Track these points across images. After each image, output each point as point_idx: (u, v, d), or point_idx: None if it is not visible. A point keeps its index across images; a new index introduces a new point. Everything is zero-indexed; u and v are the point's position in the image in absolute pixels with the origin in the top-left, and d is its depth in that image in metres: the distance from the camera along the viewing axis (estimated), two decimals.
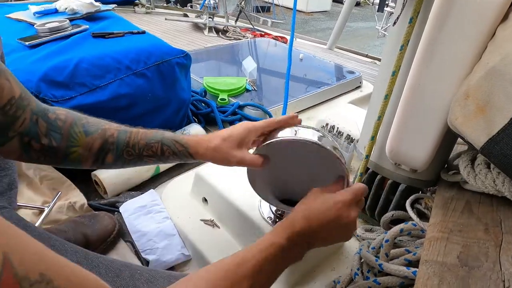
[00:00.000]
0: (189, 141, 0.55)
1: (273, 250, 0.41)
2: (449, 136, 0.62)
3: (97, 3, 1.20)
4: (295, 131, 0.56)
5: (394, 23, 0.62)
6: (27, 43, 0.91)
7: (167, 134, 0.56)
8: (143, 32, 1.09)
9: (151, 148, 0.54)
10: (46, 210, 0.77)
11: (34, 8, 1.15)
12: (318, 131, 0.57)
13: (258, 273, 0.39)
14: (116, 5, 1.61)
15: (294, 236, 0.44)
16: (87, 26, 1.06)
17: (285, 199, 0.66)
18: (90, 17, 1.16)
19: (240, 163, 0.55)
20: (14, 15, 1.13)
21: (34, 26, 0.98)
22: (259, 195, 0.63)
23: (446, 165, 0.70)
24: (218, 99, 1.30)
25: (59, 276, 0.22)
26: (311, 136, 0.54)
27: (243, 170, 0.72)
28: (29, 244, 0.22)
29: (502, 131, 0.44)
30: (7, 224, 0.21)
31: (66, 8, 1.14)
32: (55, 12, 1.17)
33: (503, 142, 0.44)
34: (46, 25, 0.98)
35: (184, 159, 0.56)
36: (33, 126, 0.46)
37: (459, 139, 0.66)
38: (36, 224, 0.73)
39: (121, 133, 0.53)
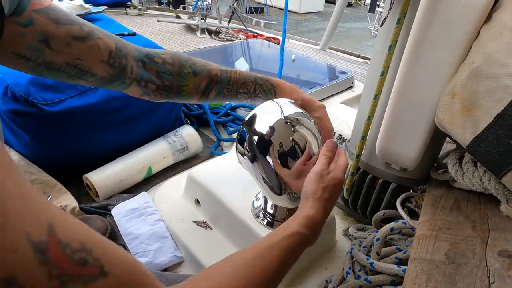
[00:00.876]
0: (276, 81, 0.64)
1: (299, 238, 0.42)
2: (437, 135, 0.62)
3: (87, 5, 1.19)
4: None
5: (382, 23, 0.63)
6: None
7: (260, 74, 0.64)
8: (134, 34, 1.09)
9: (246, 86, 0.62)
10: None
11: None
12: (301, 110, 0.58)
13: (285, 258, 0.40)
14: (107, 7, 1.60)
15: (311, 224, 0.45)
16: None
17: None
18: None
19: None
20: None
21: None
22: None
23: (435, 164, 0.70)
24: None
25: (97, 247, 0.23)
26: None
27: (235, 172, 0.73)
28: (67, 215, 0.23)
29: (487, 129, 0.44)
30: (45, 199, 0.21)
31: None
32: None
33: (488, 140, 0.45)
34: None
35: (270, 97, 0.63)
36: (144, 72, 0.53)
37: (448, 138, 0.67)
38: None
39: (223, 72, 0.60)
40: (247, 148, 0.55)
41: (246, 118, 0.56)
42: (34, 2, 0.40)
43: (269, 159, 0.54)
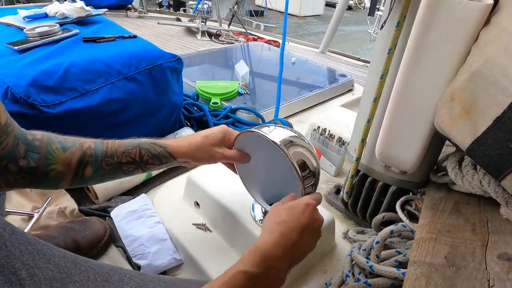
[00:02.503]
0: (168, 141, 0.56)
1: (242, 279, 0.38)
2: (437, 138, 0.62)
3: (88, 8, 1.19)
4: (273, 128, 0.57)
5: (382, 27, 0.63)
6: (16, 47, 0.90)
7: (145, 139, 0.56)
8: (135, 37, 1.09)
9: (129, 154, 0.53)
10: (36, 215, 0.76)
11: (23, 13, 1.14)
12: (294, 132, 0.58)
13: None
14: (108, 10, 1.60)
15: (268, 260, 0.40)
16: (78, 31, 1.05)
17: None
18: (81, 22, 1.16)
19: (222, 158, 0.57)
20: (3, 19, 1.12)
21: (24, 30, 0.97)
22: (253, 198, 0.64)
23: (435, 167, 0.71)
24: (211, 103, 1.30)
25: None
26: (281, 135, 0.54)
27: (234, 174, 0.73)
28: None
29: (486, 132, 0.44)
30: None
31: (56, 13, 1.14)
32: (45, 16, 1.16)
33: (487, 143, 0.45)
34: (36, 29, 0.97)
35: (165, 160, 0.55)
36: (13, 150, 0.45)
37: (447, 141, 0.67)
38: (25, 230, 0.72)
39: (98, 144, 0.53)
40: None
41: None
42: None
43: None
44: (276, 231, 0.43)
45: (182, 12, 3.40)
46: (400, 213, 0.65)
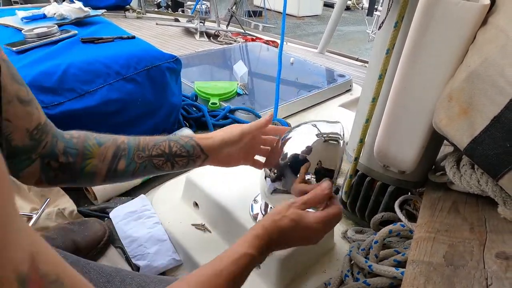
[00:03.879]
0: (196, 135, 0.59)
1: (246, 260, 0.42)
2: (435, 138, 0.63)
3: (86, 9, 1.19)
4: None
5: (380, 27, 0.63)
6: (14, 48, 0.90)
7: (174, 136, 0.60)
8: (133, 37, 1.09)
9: (159, 146, 0.56)
10: (35, 217, 0.76)
11: (21, 14, 1.14)
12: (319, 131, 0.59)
13: (232, 283, 0.40)
14: (106, 10, 1.60)
15: (264, 247, 0.45)
16: (76, 32, 1.05)
17: None
18: (79, 23, 1.16)
19: (251, 128, 0.61)
20: (1, 20, 1.12)
21: (22, 31, 0.97)
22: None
23: (433, 167, 0.71)
24: (209, 103, 1.30)
25: (69, 281, 0.24)
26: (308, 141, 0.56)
27: (233, 174, 0.73)
28: (48, 246, 0.23)
29: (483, 132, 0.45)
30: (28, 226, 0.22)
31: (54, 14, 1.14)
32: (43, 17, 1.16)
33: (485, 143, 0.45)
34: (34, 30, 0.97)
35: (192, 151, 0.57)
36: (53, 148, 0.49)
37: (445, 141, 0.67)
38: None
39: (131, 139, 0.56)
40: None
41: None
42: (1, 52, 0.39)
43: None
44: (277, 223, 0.47)
45: (181, 12, 3.40)
46: (399, 213, 0.65)
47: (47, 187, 0.53)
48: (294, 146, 0.57)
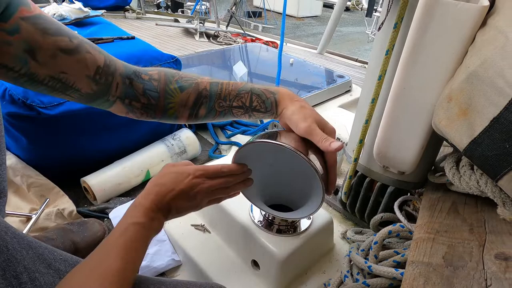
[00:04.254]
0: (278, 88, 0.57)
1: (133, 230, 0.43)
2: (435, 139, 0.63)
3: (86, 9, 1.19)
4: (267, 135, 0.56)
5: (379, 28, 0.63)
6: None
7: (257, 84, 0.58)
8: (133, 38, 1.09)
9: (241, 98, 0.55)
10: (34, 217, 0.76)
11: None
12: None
13: (125, 254, 0.41)
14: (106, 11, 1.60)
15: (150, 212, 0.46)
16: (76, 32, 1.05)
17: (273, 205, 0.67)
18: (79, 23, 1.16)
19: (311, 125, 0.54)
20: None
21: None
22: (250, 201, 0.64)
23: (433, 167, 0.71)
24: None
25: None
26: (287, 141, 0.54)
27: None
28: None
29: (483, 133, 0.45)
30: None
31: (54, 14, 1.14)
32: None
33: (484, 143, 0.45)
34: None
35: (269, 107, 0.56)
36: (130, 89, 0.50)
37: (445, 142, 0.67)
38: (23, 232, 0.71)
39: (213, 85, 0.54)
40: None
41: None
42: (22, 9, 0.38)
43: None
44: (153, 192, 0.48)
45: (180, 13, 3.40)
46: (398, 214, 0.65)
47: (138, 118, 0.54)
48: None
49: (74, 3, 1.19)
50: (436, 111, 0.53)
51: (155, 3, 5.34)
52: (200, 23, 2.42)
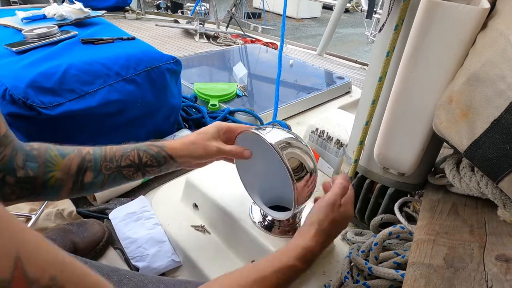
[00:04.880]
0: (164, 141, 0.57)
1: (291, 272, 0.43)
2: (435, 140, 0.63)
3: (87, 9, 1.19)
4: (271, 129, 0.58)
5: (380, 30, 0.63)
6: (14, 49, 0.90)
7: (141, 143, 0.56)
8: (133, 38, 1.09)
9: (128, 157, 0.53)
10: (34, 218, 0.76)
11: (22, 14, 1.13)
12: (292, 134, 0.58)
13: None
14: (106, 11, 1.60)
15: (311, 258, 0.46)
16: (76, 32, 1.05)
17: (273, 206, 0.67)
18: (80, 23, 1.16)
19: (219, 152, 0.57)
20: (1, 20, 1.11)
21: (22, 32, 0.97)
22: (254, 200, 0.64)
23: (433, 169, 0.71)
24: (209, 105, 1.30)
25: (69, 281, 0.22)
26: (278, 136, 0.56)
27: (233, 175, 0.73)
28: (42, 246, 0.21)
29: (484, 135, 0.45)
30: (21, 226, 0.20)
31: (55, 14, 1.14)
32: (44, 18, 1.16)
33: (485, 145, 0.45)
34: (34, 31, 0.97)
35: (163, 161, 0.55)
36: (11, 161, 0.44)
37: (445, 143, 0.67)
38: None
39: (96, 149, 0.52)
40: None
41: None
42: None
43: None
44: (325, 231, 0.48)
45: (180, 14, 3.40)
46: (398, 215, 0.65)
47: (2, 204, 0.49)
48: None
49: (74, 3, 1.19)
50: (437, 113, 0.54)
51: (155, 3, 5.34)
52: (200, 24, 2.42)
